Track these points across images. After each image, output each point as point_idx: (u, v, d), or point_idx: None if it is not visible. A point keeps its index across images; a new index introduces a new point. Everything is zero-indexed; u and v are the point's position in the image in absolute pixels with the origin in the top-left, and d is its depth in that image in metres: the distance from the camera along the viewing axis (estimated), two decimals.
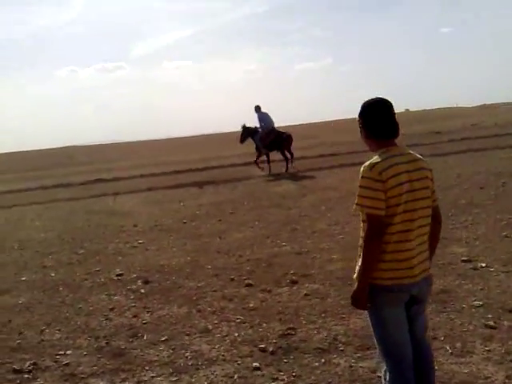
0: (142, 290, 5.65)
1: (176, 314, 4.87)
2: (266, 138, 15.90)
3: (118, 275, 6.31)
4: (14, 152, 62.21)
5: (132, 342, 4.34)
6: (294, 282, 5.40)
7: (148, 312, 4.98)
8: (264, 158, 16.35)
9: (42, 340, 4.50)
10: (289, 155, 16.05)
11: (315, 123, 67.76)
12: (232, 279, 5.74)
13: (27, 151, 61.93)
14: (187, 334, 4.37)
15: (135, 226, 9.57)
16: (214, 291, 5.42)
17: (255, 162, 16.45)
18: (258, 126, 16.30)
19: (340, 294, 4.91)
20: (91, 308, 5.24)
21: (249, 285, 5.48)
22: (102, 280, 6.20)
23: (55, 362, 4.05)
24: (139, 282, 5.95)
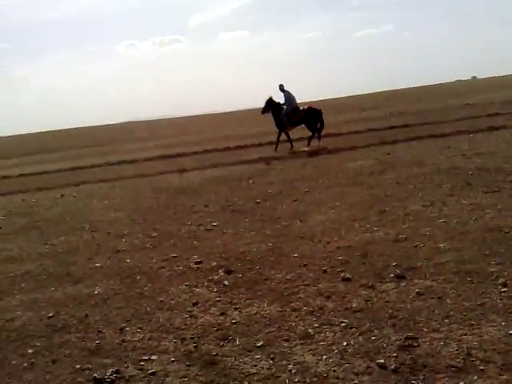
0: (226, 282, 5.13)
1: (268, 312, 4.30)
2: (294, 115, 16.18)
3: (196, 263, 5.83)
4: (77, 128, 63.93)
5: (223, 346, 3.81)
6: (399, 277, 4.67)
7: (236, 309, 4.45)
8: (284, 137, 16.65)
9: (123, 341, 4.06)
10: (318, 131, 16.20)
11: (379, 92, 65.28)
12: (325, 271, 5.11)
13: (90, 126, 63.45)
14: (286, 340, 3.79)
15: (206, 206, 9.11)
16: (307, 285, 4.80)
17: (289, 140, 16.69)
18: (282, 104, 16.51)
19: (460, 293, 4.16)
20: (173, 302, 4.77)
21: (346, 279, 4.82)
22: (181, 268, 5.74)
23: (140, 369, 3.58)
24: (221, 272, 5.43)
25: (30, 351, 4.06)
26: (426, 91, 54.02)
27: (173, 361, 3.67)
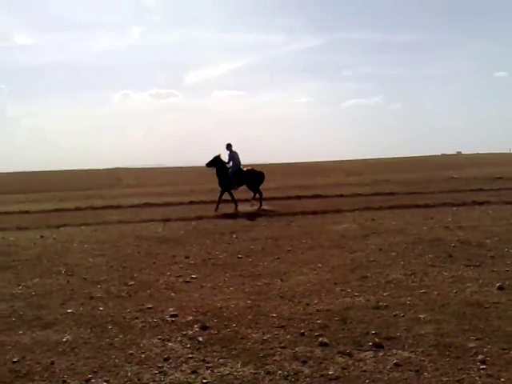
0: (200, 338, 4.97)
1: (241, 374, 4.15)
2: (241, 175, 16.76)
3: (171, 316, 5.68)
4: (64, 170, 63.72)
5: None
6: (378, 346, 4.58)
7: (208, 368, 4.29)
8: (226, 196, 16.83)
9: None
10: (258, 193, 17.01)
11: (364, 159, 66.73)
12: (302, 334, 4.99)
13: (77, 170, 63.33)
14: None
15: (187, 257, 8.99)
16: (283, 347, 4.68)
17: (233, 200, 16.82)
18: (227, 162, 16.93)
19: (439, 367, 4.07)
20: (143, 356, 4.59)
21: (324, 343, 4.70)
22: (155, 320, 5.57)
23: None
24: (196, 327, 5.28)
25: None
26: (412, 162, 55.30)
27: None
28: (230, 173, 16.77)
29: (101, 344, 4.91)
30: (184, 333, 5.15)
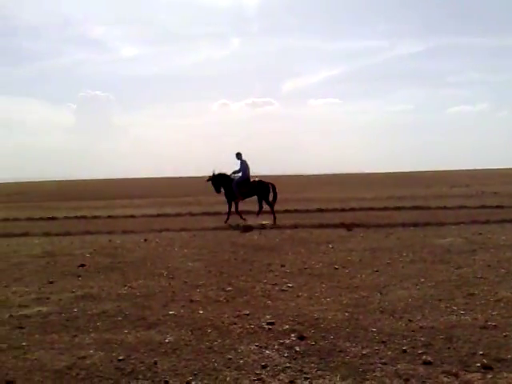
0: (297, 348, 4.91)
1: None
2: (247, 186, 16.33)
3: (268, 323, 5.67)
4: (165, 177, 66.82)
5: None
6: (486, 368, 4.24)
7: (306, 379, 4.21)
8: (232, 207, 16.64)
9: None
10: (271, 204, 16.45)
11: (469, 170, 63.10)
12: (404, 351, 4.75)
13: (178, 178, 66.18)
14: None
15: (283, 265, 8.99)
16: (384, 364, 4.48)
17: (237, 213, 16.57)
18: (236, 171, 16.65)
19: None
20: (241, 361, 4.62)
21: (427, 362, 4.45)
22: (252, 327, 5.60)
23: None
24: (293, 337, 5.23)
25: None
26: None
27: None
28: (233, 183, 16.54)
29: (201, 347, 5.02)
30: (281, 341, 5.12)
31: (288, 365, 4.52)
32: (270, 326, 5.59)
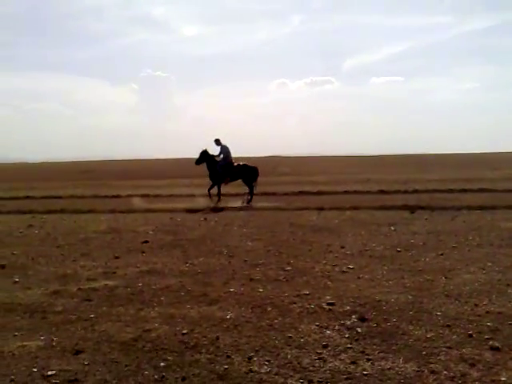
0: (359, 329, 4.85)
1: (403, 370, 3.94)
2: (230, 169, 17.14)
3: (328, 304, 5.64)
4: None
5: None
6: None
7: (368, 360, 4.15)
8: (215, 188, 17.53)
9: (251, 370, 3.99)
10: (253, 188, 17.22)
11: None
12: (470, 335, 4.59)
13: (236, 157, 66.64)
14: None
15: (342, 247, 8.88)
16: (449, 348, 4.34)
17: (209, 194, 17.60)
18: (217, 155, 17.49)
19: None
20: (302, 340, 4.62)
21: (495, 348, 4.27)
22: (312, 307, 5.58)
23: None
24: (354, 318, 5.17)
25: (162, 364, 4.17)
26: None
27: None
28: (218, 166, 17.07)
29: (261, 324, 5.06)
30: (342, 322, 5.07)
31: (349, 346, 4.48)
32: (331, 307, 5.55)
